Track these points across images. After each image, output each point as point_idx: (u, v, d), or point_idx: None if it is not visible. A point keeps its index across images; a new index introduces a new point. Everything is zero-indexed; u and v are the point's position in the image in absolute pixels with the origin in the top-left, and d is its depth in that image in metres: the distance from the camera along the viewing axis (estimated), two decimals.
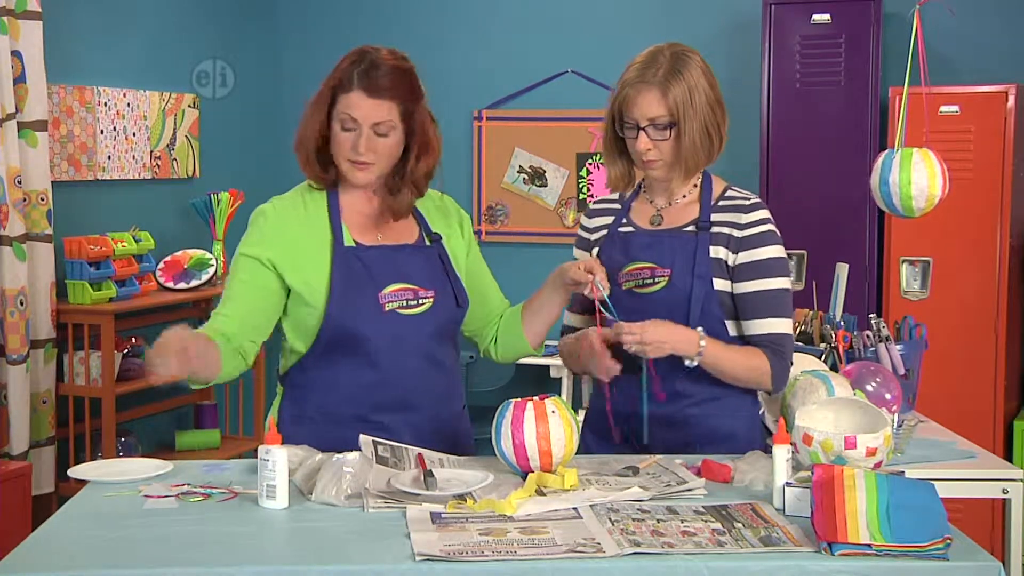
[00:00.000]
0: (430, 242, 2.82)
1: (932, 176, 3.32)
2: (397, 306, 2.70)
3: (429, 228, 2.83)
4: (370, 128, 2.66)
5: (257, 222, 2.75)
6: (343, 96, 2.67)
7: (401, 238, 2.79)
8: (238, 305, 2.70)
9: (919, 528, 2.10)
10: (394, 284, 2.71)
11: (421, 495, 2.36)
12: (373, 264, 2.71)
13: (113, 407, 4.88)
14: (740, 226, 2.77)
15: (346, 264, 2.70)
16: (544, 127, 6.21)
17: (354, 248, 2.73)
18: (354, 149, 2.67)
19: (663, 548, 2.10)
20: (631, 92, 2.70)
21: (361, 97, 2.65)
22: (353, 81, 2.66)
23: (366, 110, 2.66)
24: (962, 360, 5.01)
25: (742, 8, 5.76)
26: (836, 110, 5.40)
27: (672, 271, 2.75)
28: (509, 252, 6.24)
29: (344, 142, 2.68)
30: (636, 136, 2.72)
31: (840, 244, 5.32)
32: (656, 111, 2.69)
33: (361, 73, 2.66)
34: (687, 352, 2.67)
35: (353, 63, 2.68)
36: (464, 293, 2.81)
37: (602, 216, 2.90)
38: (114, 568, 2.05)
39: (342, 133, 2.68)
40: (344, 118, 2.67)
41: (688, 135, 2.69)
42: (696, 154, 2.72)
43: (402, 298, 2.71)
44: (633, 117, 2.71)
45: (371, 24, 6.39)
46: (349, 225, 2.75)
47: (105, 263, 4.98)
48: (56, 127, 5.00)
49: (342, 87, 2.67)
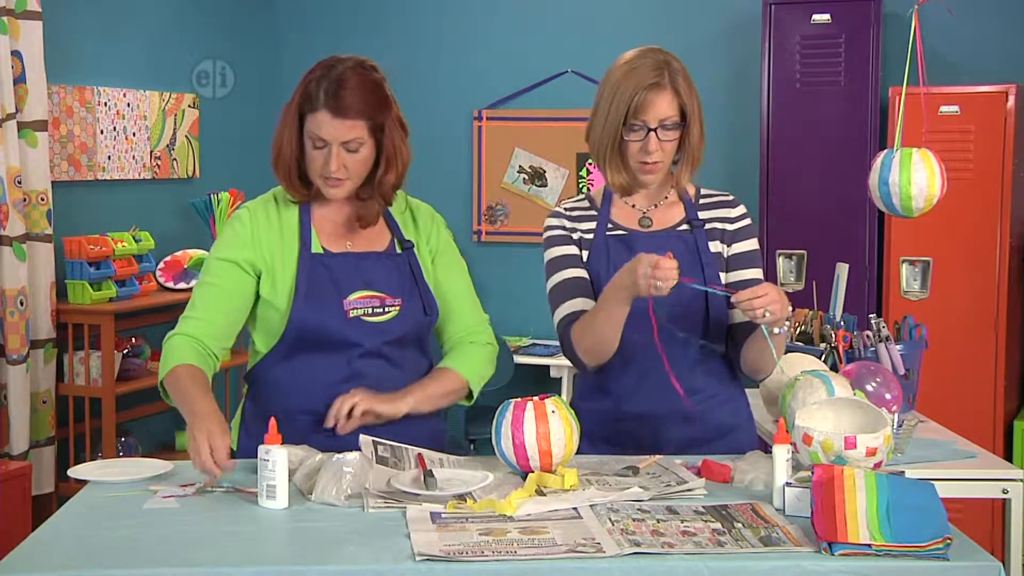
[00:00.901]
0: (401, 250, 2.81)
1: (931, 176, 3.33)
2: (362, 313, 2.71)
3: (402, 235, 2.82)
4: (340, 146, 2.64)
5: (233, 226, 2.76)
6: (310, 116, 2.65)
7: (371, 246, 2.78)
8: (210, 309, 2.71)
9: (919, 528, 2.10)
10: (359, 292, 2.71)
11: (421, 495, 2.36)
12: (338, 271, 2.72)
13: (113, 407, 4.89)
14: (731, 220, 2.84)
15: (312, 270, 2.71)
16: (544, 127, 6.21)
17: (321, 255, 2.73)
18: (325, 166, 2.66)
19: (663, 548, 2.10)
20: (647, 95, 2.69)
21: (327, 117, 2.62)
22: (319, 100, 2.62)
23: (334, 130, 2.63)
24: (962, 360, 5.01)
25: (742, 8, 5.76)
26: (836, 110, 5.40)
27: (680, 269, 2.75)
28: (509, 252, 6.25)
29: (316, 159, 2.67)
30: (644, 138, 2.72)
31: (840, 244, 5.32)
32: (668, 111, 2.70)
33: (327, 92, 2.62)
34: (783, 317, 2.59)
35: (318, 80, 2.65)
36: (433, 302, 2.79)
37: (580, 221, 2.86)
38: (114, 568, 2.05)
39: (313, 151, 2.67)
40: (313, 137, 2.65)
41: (695, 132, 2.74)
42: (699, 149, 2.77)
43: (368, 305, 2.71)
44: (644, 119, 2.70)
45: (371, 24, 6.39)
46: (320, 232, 2.76)
47: (105, 263, 4.98)
48: (56, 127, 5.00)
49: (309, 106, 2.64)
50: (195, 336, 2.68)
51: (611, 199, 2.87)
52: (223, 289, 2.71)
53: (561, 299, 2.81)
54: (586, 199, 2.90)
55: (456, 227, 6.24)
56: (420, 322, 2.78)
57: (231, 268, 2.71)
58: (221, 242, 2.76)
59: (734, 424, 2.84)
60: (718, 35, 5.84)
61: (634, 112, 2.70)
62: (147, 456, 4.30)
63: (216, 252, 2.75)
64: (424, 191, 3.12)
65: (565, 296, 2.81)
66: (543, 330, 6.05)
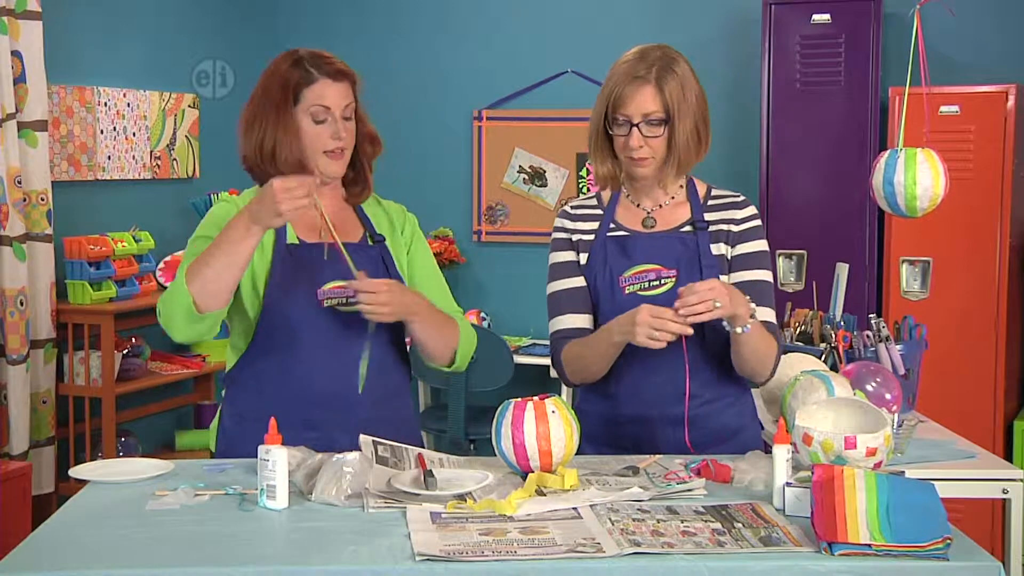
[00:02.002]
0: (373, 243, 2.83)
1: (936, 176, 3.34)
2: (336, 303, 2.71)
3: (374, 229, 2.84)
4: (339, 113, 2.71)
5: (214, 212, 2.81)
6: (308, 90, 2.70)
7: (345, 237, 2.78)
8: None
9: (919, 528, 2.10)
10: (333, 281, 2.72)
11: (421, 495, 2.36)
12: (313, 261, 2.73)
13: (113, 407, 4.89)
14: (737, 221, 2.81)
15: (286, 260, 2.72)
16: (544, 127, 6.20)
17: (296, 245, 2.75)
18: (334, 137, 2.70)
19: (663, 548, 2.10)
20: (626, 88, 2.69)
21: (328, 83, 2.71)
22: (313, 73, 2.70)
23: (335, 95, 2.71)
24: (962, 360, 5.01)
25: (742, 8, 5.76)
26: (836, 110, 5.40)
27: (679, 271, 2.75)
28: (509, 252, 6.25)
29: (320, 134, 2.71)
30: (628, 133, 2.71)
31: (840, 244, 5.31)
32: (650, 106, 2.69)
33: (316, 64, 2.72)
34: (745, 314, 2.60)
35: (296, 62, 2.72)
36: None
37: (584, 221, 2.86)
38: (114, 568, 2.05)
39: (315, 127, 2.71)
40: (316, 110, 2.70)
41: (682, 132, 2.70)
42: (688, 151, 2.73)
43: (342, 295, 2.71)
44: (626, 113, 2.70)
45: (370, 24, 6.39)
46: (294, 223, 2.76)
47: (105, 263, 4.99)
48: (56, 127, 5.00)
49: (305, 82, 2.70)
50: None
51: (618, 199, 2.86)
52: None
53: (554, 312, 2.85)
54: (595, 197, 2.90)
55: (456, 227, 6.29)
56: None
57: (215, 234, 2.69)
58: (204, 223, 2.79)
59: (738, 427, 2.82)
60: (718, 35, 5.84)
61: (615, 105, 2.71)
62: (147, 456, 4.29)
63: (203, 231, 2.76)
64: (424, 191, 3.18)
65: (557, 310, 2.84)
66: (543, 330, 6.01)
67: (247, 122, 2.76)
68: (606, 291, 2.78)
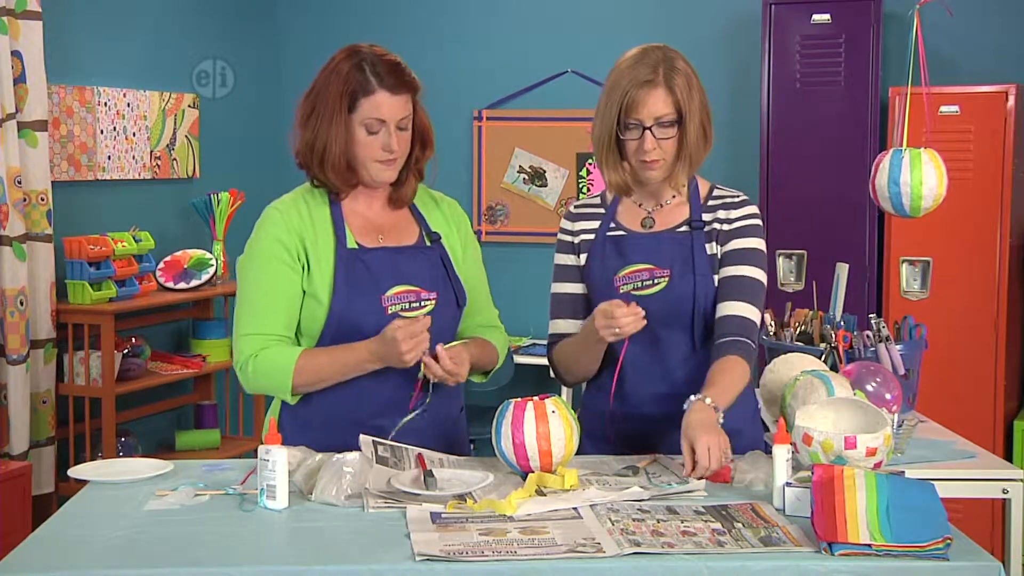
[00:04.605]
0: (430, 242, 2.81)
1: (940, 177, 3.35)
2: (400, 308, 2.69)
3: (429, 227, 2.82)
4: (394, 125, 2.67)
5: (265, 225, 2.72)
6: (365, 100, 2.65)
7: (402, 239, 2.77)
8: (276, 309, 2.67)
9: (919, 528, 2.10)
10: (397, 286, 2.70)
11: (421, 495, 2.36)
12: (376, 266, 2.70)
13: (113, 407, 4.89)
14: (729, 220, 2.81)
15: (350, 266, 2.68)
16: (544, 127, 6.20)
17: (357, 250, 2.71)
18: (385, 149, 2.66)
19: (663, 548, 2.10)
20: (638, 93, 2.68)
21: (386, 96, 2.65)
22: (373, 83, 2.64)
23: (393, 108, 2.66)
24: (962, 360, 5.01)
25: (742, 8, 5.76)
26: (836, 110, 5.40)
27: (672, 271, 2.75)
28: (509, 252, 6.24)
29: (371, 144, 2.67)
30: (640, 137, 2.71)
31: (840, 244, 5.31)
32: (663, 109, 2.69)
33: (378, 73, 2.65)
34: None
35: (359, 66, 2.66)
36: (463, 292, 2.80)
37: (586, 220, 2.87)
38: (114, 568, 2.05)
39: (368, 137, 2.66)
40: (370, 122, 2.65)
41: (692, 131, 2.71)
42: (698, 149, 2.74)
43: (405, 300, 2.69)
44: (639, 117, 2.69)
45: (371, 24, 6.39)
46: (351, 227, 2.74)
47: (105, 263, 4.98)
48: (56, 127, 5.00)
49: (363, 91, 2.65)
50: (268, 334, 2.66)
51: (620, 198, 2.87)
52: (273, 284, 2.67)
53: (552, 315, 2.91)
54: (599, 196, 2.91)
55: None
56: (454, 315, 2.79)
57: (274, 262, 2.67)
58: (258, 239, 2.71)
59: (737, 429, 2.79)
60: (718, 35, 5.84)
61: (627, 110, 2.70)
62: (147, 456, 4.29)
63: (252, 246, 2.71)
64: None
65: (554, 313, 2.90)
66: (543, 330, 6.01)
67: (301, 119, 2.71)
68: (602, 290, 2.79)
